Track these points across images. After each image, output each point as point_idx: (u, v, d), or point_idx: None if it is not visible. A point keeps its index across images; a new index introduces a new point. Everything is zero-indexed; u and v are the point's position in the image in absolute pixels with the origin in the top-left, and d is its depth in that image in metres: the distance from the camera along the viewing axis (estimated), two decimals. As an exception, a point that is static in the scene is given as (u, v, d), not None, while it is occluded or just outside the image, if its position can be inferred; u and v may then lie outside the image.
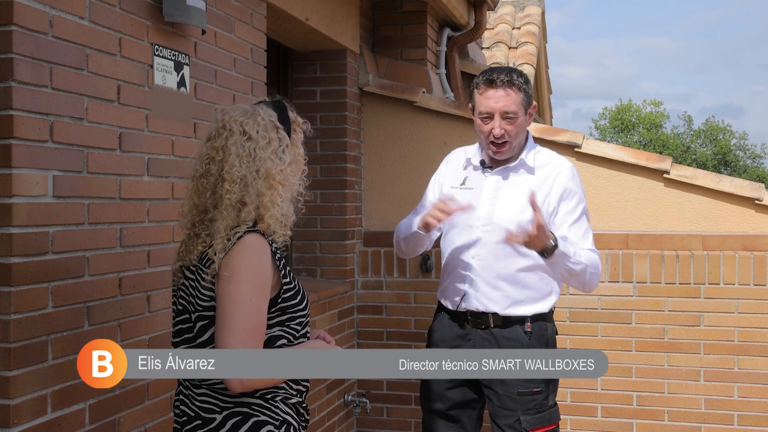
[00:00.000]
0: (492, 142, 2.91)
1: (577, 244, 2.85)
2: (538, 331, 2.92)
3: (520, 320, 2.91)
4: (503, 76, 2.86)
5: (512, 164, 2.96)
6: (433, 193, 3.15)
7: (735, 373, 4.14)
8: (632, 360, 4.25)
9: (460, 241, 2.98)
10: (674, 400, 4.22)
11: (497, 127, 2.86)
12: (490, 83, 2.87)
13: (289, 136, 2.04)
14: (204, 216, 1.99)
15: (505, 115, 2.86)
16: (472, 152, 3.07)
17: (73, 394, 2.28)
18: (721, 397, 4.16)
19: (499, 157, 2.94)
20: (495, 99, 2.86)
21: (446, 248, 3.07)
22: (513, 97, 2.85)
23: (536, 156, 2.98)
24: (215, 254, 1.88)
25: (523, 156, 2.95)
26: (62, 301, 2.24)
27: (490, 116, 2.88)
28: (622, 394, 4.28)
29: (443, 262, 3.08)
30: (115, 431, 2.48)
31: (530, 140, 3.02)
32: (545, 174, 2.94)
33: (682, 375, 4.20)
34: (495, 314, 2.91)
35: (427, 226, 2.85)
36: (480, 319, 2.93)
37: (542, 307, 2.93)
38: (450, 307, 3.01)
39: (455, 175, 3.08)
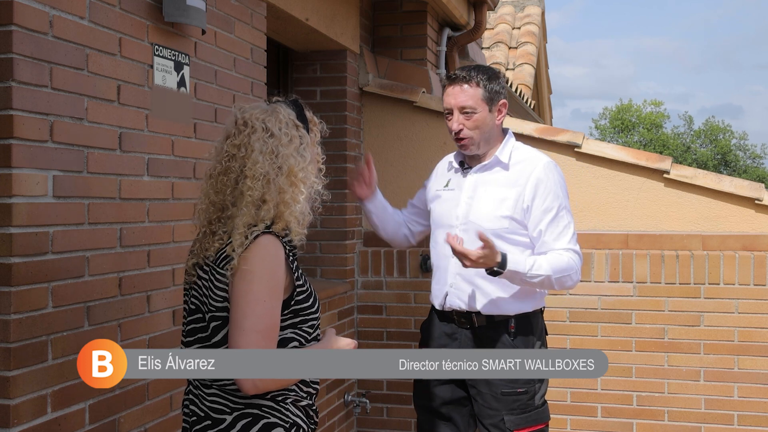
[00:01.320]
0: (455, 138, 2.97)
1: (552, 245, 2.86)
2: (522, 332, 2.92)
3: (504, 320, 2.92)
4: (462, 72, 2.93)
5: (487, 162, 2.98)
6: (420, 195, 3.26)
7: (735, 373, 4.14)
8: (632, 360, 4.25)
9: (441, 240, 3.01)
10: (674, 400, 4.22)
11: (455, 122, 2.94)
12: (450, 80, 2.97)
13: (307, 134, 2.05)
14: (221, 213, 1.98)
15: (462, 110, 2.92)
16: (455, 155, 3.13)
17: (73, 394, 2.28)
18: (721, 397, 4.16)
19: (465, 152, 2.99)
20: (453, 95, 2.94)
21: (432, 249, 3.13)
22: (469, 92, 2.90)
23: (513, 153, 2.99)
24: (233, 251, 1.87)
25: (497, 153, 2.97)
26: (62, 301, 2.24)
27: (450, 112, 2.97)
28: (622, 394, 4.27)
29: (432, 262, 3.14)
30: (115, 431, 2.48)
31: (508, 137, 3.03)
32: (520, 170, 2.94)
33: (682, 375, 4.20)
34: (478, 313, 2.92)
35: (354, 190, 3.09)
36: (465, 318, 2.96)
37: (526, 306, 2.94)
38: (436, 306, 3.05)
39: (440, 178, 3.15)
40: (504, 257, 2.73)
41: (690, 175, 4.28)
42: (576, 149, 4.33)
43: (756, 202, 4.20)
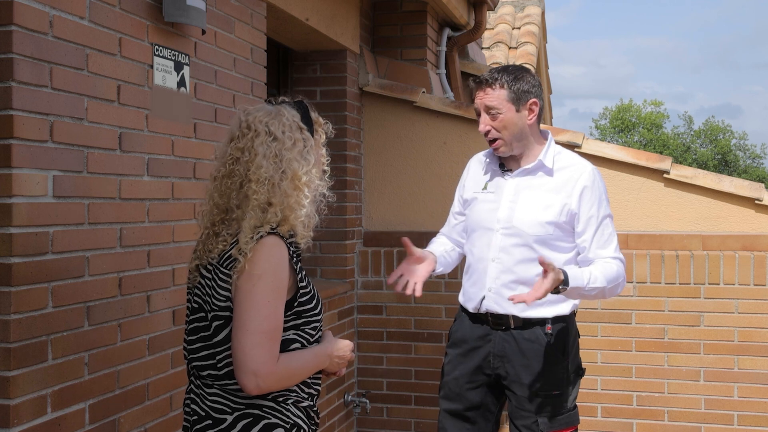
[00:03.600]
0: (487, 140, 2.95)
1: (598, 253, 2.87)
2: (559, 333, 2.91)
3: (541, 321, 2.90)
4: (488, 75, 2.92)
5: (530, 165, 2.94)
6: (458, 201, 3.19)
7: (735, 373, 4.14)
8: (632, 360, 4.25)
9: (480, 243, 2.97)
10: (674, 400, 4.22)
11: (481, 123, 2.93)
12: (476, 83, 2.96)
13: (312, 136, 2.04)
14: (225, 216, 1.98)
15: (488, 111, 2.90)
16: (491, 156, 3.07)
17: (73, 394, 2.28)
18: (721, 397, 4.16)
19: (497, 153, 2.96)
20: (479, 97, 2.93)
21: (468, 250, 3.07)
22: (493, 94, 2.88)
23: (556, 157, 2.95)
24: (240, 253, 1.87)
25: (541, 157, 2.94)
26: (62, 301, 2.24)
27: (479, 114, 2.95)
28: (622, 394, 4.27)
29: (466, 263, 3.09)
30: (115, 431, 2.48)
31: (550, 141, 2.99)
32: (566, 177, 2.91)
33: (682, 375, 4.20)
34: (515, 316, 2.91)
35: None
36: (500, 320, 2.93)
37: (563, 309, 2.92)
38: (470, 309, 3.01)
39: (477, 180, 3.10)
40: (566, 275, 2.70)
41: (690, 175, 4.28)
42: (576, 149, 4.32)
43: (756, 202, 4.20)
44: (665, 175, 4.29)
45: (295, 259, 1.96)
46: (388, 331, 4.64)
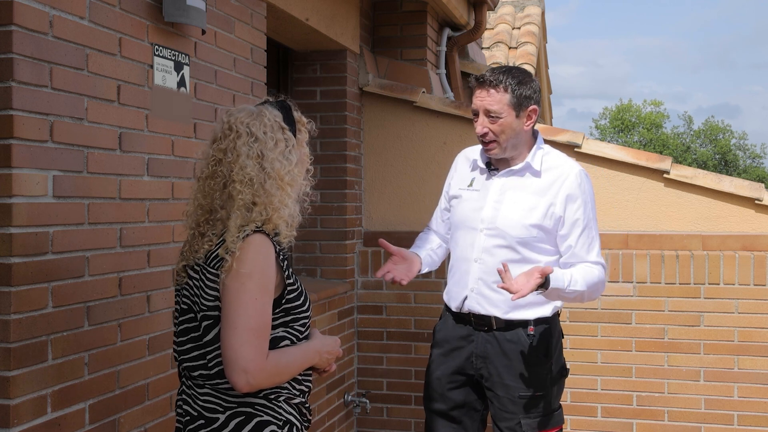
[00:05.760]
0: (481, 141, 2.93)
1: (581, 257, 2.86)
2: (541, 334, 2.91)
3: (523, 323, 2.90)
4: (492, 75, 2.86)
5: (517, 167, 2.93)
6: (445, 197, 3.19)
7: (735, 373, 4.14)
8: (632, 360, 4.25)
9: (464, 243, 2.97)
10: (674, 400, 4.22)
11: (479, 125, 2.89)
12: (479, 82, 2.90)
13: (295, 136, 2.05)
14: (210, 216, 1.99)
15: (488, 114, 2.86)
16: (478, 153, 3.06)
17: (73, 394, 2.28)
18: (721, 397, 4.16)
19: (490, 155, 2.94)
20: (480, 97, 2.88)
21: (452, 249, 3.07)
22: (496, 97, 2.84)
23: (544, 158, 2.93)
24: (227, 253, 1.88)
25: (528, 158, 2.92)
26: (62, 301, 2.24)
27: (476, 114, 2.92)
28: (622, 394, 4.27)
29: (450, 260, 3.09)
30: (115, 431, 2.48)
31: (539, 141, 2.97)
32: (552, 178, 2.89)
33: (682, 375, 4.20)
34: (497, 317, 2.91)
35: None
36: (483, 321, 2.93)
37: (545, 310, 2.91)
38: (453, 308, 3.01)
39: (463, 176, 3.09)
40: (547, 277, 2.69)
41: (690, 175, 4.29)
42: (576, 149, 4.33)
43: (756, 202, 4.20)
44: (665, 175, 4.29)
45: (281, 256, 1.97)
46: (388, 331, 4.64)
